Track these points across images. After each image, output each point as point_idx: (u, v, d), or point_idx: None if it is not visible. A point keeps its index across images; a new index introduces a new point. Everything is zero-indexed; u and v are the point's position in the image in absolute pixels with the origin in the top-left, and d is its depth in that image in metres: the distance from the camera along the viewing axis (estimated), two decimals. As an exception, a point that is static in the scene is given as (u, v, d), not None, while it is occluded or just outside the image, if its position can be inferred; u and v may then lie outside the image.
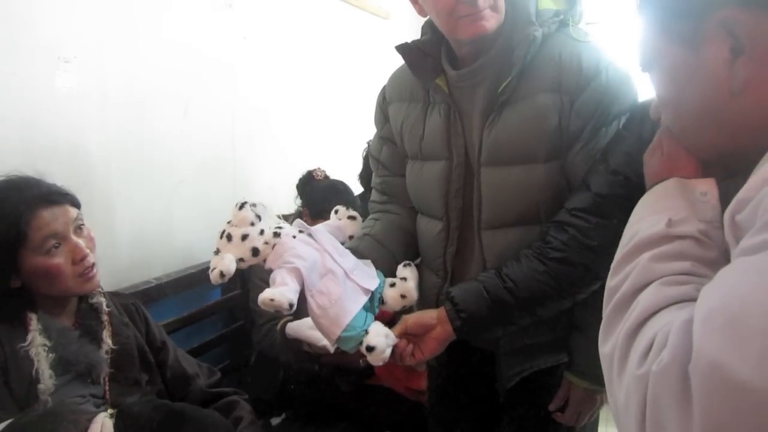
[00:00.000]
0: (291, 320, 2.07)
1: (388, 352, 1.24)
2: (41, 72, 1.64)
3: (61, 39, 1.67)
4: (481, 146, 1.28)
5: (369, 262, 1.36)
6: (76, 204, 1.38)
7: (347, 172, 2.66)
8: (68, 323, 1.35)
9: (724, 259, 0.64)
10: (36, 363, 1.23)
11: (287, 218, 2.31)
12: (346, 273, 1.26)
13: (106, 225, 1.82)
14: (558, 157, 1.24)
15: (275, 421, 2.19)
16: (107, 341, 1.36)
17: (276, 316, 2.12)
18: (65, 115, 1.71)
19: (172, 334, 1.63)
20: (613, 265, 0.74)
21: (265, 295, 1.15)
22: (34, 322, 1.27)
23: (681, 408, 0.51)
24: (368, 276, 1.30)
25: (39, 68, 1.63)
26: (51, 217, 1.29)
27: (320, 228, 1.35)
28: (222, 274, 1.26)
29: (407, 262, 1.39)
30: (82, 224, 1.37)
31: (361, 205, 2.23)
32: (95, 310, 1.40)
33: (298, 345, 2.03)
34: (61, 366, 1.27)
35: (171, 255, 2.11)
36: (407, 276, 1.36)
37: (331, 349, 1.93)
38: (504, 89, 1.22)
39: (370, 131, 2.83)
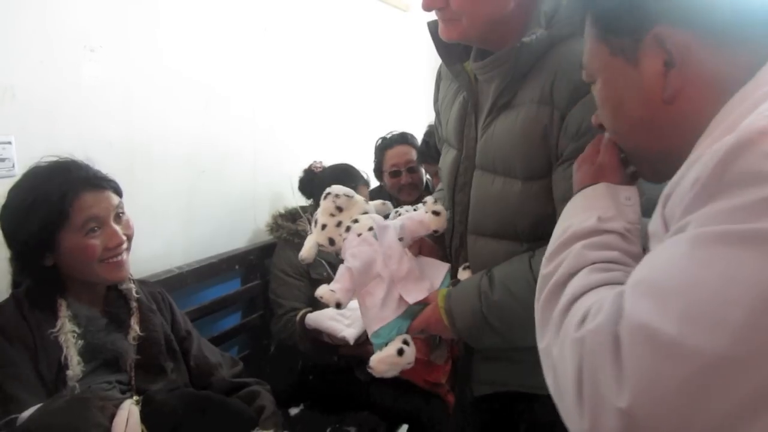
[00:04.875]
0: (311, 311, 2.09)
1: (394, 371, 1.26)
2: (68, 61, 1.65)
3: (87, 28, 1.68)
4: (476, 146, 1.25)
5: (441, 264, 1.35)
6: (119, 192, 1.40)
7: (366, 163, 2.67)
8: (97, 310, 1.37)
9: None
10: (65, 349, 1.25)
11: (305, 210, 2.32)
12: (393, 280, 1.26)
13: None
14: (539, 177, 1.16)
15: (293, 411, 2.20)
16: (135, 328, 1.38)
17: (296, 306, 2.15)
18: (90, 105, 1.72)
19: (192, 323, 1.65)
20: (546, 255, 0.81)
21: (319, 291, 1.22)
22: (63, 308, 1.29)
23: (614, 364, 0.56)
24: (416, 288, 1.28)
25: (66, 57, 1.64)
26: (94, 201, 1.32)
27: (395, 224, 1.33)
28: (302, 257, 1.35)
29: (467, 264, 1.34)
30: (123, 213, 1.39)
31: (372, 196, 2.23)
32: (124, 297, 1.42)
33: (317, 336, 2.05)
34: (89, 353, 1.28)
35: (192, 244, 2.12)
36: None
37: (351, 342, 1.96)
38: (502, 92, 1.17)
39: (388, 124, 2.85)
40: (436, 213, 1.34)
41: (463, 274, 1.33)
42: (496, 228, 1.24)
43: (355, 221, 1.32)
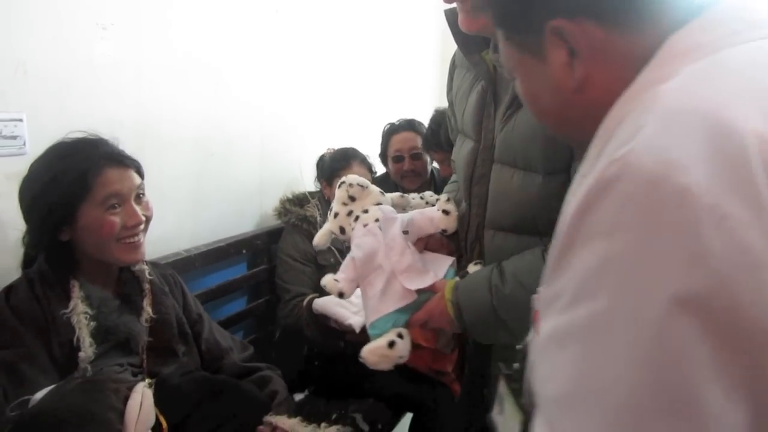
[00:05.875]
0: (317, 296, 2.08)
1: (386, 363, 1.26)
2: (80, 38, 1.63)
3: (99, 5, 1.66)
4: (495, 140, 1.23)
5: (445, 258, 1.33)
6: (141, 173, 1.39)
7: (374, 149, 2.65)
8: (109, 291, 1.35)
9: None
10: (77, 330, 1.24)
11: (313, 196, 2.31)
12: (393, 272, 1.25)
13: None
14: (560, 171, 1.13)
15: (298, 396, 2.19)
16: (147, 310, 1.37)
17: (302, 292, 2.14)
18: (101, 84, 1.70)
19: (198, 307, 1.64)
20: None
21: (324, 280, 1.25)
22: (76, 289, 1.27)
23: None
24: (418, 277, 1.26)
25: (78, 34, 1.62)
26: (117, 177, 1.31)
27: (403, 217, 1.32)
28: (315, 244, 1.37)
29: (478, 261, 1.31)
30: (143, 194, 1.38)
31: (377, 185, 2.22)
32: (136, 278, 1.40)
33: (324, 321, 2.04)
34: (101, 334, 1.27)
35: (199, 228, 2.11)
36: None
37: (357, 329, 1.95)
38: None
39: (398, 110, 2.83)
40: (446, 212, 1.33)
41: (473, 269, 1.30)
42: (515, 223, 1.21)
43: (365, 211, 1.32)
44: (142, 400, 1.11)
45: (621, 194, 0.51)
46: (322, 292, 2.10)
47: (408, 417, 2.22)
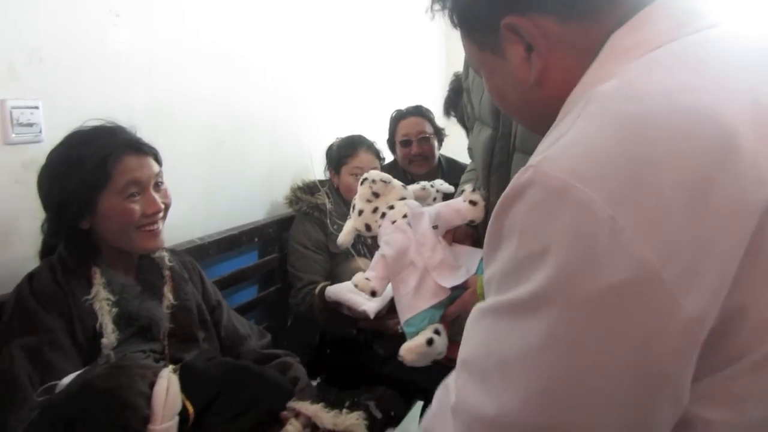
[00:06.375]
0: (330, 284, 2.08)
1: (424, 360, 1.27)
2: (94, 25, 1.62)
3: (113, -9, 1.65)
4: (513, 127, 1.22)
5: (475, 251, 1.31)
6: (159, 161, 1.39)
7: (384, 137, 2.65)
8: (131, 278, 1.35)
9: None
10: (100, 317, 1.23)
11: (323, 184, 2.30)
12: (426, 268, 1.24)
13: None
14: None
15: (310, 384, 2.20)
16: (168, 296, 1.37)
17: (314, 279, 2.14)
18: (115, 71, 1.69)
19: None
20: None
21: (355, 279, 1.23)
22: (98, 275, 1.27)
23: None
24: (452, 274, 1.25)
25: (91, 20, 1.61)
26: (136, 165, 1.30)
27: (430, 211, 1.31)
28: (339, 243, 1.36)
29: None
30: (162, 182, 1.38)
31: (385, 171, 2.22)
32: (156, 265, 1.40)
33: (336, 308, 2.04)
34: (123, 320, 1.27)
35: (211, 215, 2.10)
36: None
37: (371, 315, 1.95)
38: None
39: (408, 97, 2.82)
40: (473, 203, 1.31)
41: None
42: None
43: (391, 207, 1.31)
44: (168, 386, 1.11)
45: (529, 201, 0.55)
46: (334, 280, 2.12)
47: (419, 406, 2.22)
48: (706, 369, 0.53)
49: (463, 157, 2.77)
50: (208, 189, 2.09)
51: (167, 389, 1.10)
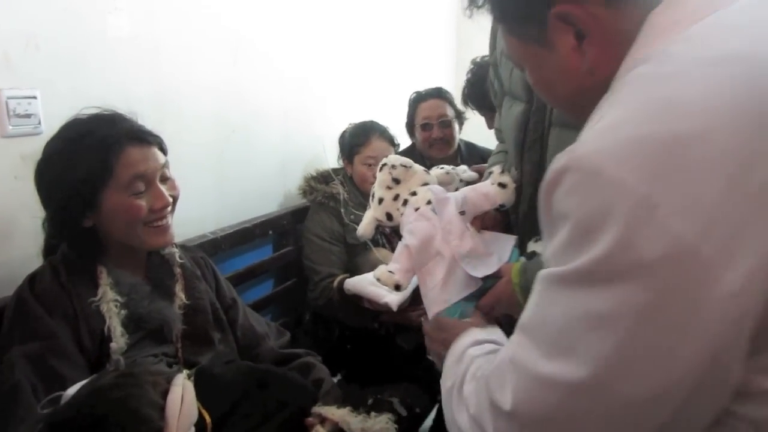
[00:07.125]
0: (348, 276, 1.99)
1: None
2: (93, 10, 1.53)
3: (112, -26, 1.55)
4: None
5: (507, 237, 1.22)
6: (164, 149, 1.29)
7: (398, 124, 2.55)
8: (139, 277, 1.26)
9: None
10: (107, 320, 1.14)
11: (337, 173, 2.21)
12: (455, 258, 1.14)
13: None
14: None
15: (330, 381, 2.12)
16: (180, 296, 1.28)
17: (332, 272, 2.05)
18: (117, 59, 1.60)
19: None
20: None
21: (377, 272, 1.15)
22: (104, 275, 1.18)
23: (502, 391, 0.66)
24: (483, 263, 1.15)
25: (91, 6, 1.52)
26: (140, 157, 1.20)
27: (456, 196, 1.21)
28: (360, 234, 1.28)
29: (538, 237, 1.22)
30: (168, 172, 1.28)
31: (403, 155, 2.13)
32: (167, 262, 1.31)
33: (357, 302, 1.95)
34: (133, 323, 1.18)
35: (223, 208, 2.02)
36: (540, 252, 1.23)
37: (394, 308, 1.85)
38: None
39: (420, 84, 2.72)
40: (502, 185, 1.23)
41: (535, 247, 1.20)
42: None
43: (413, 194, 1.21)
44: (183, 394, 1.02)
45: (567, 185, 0.58)
46: (353, 272, 2.03)
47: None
48: None
49: (480, 142, 2.70)
50: (219, 181, 2.00)
51: (182, 398, 1.01)
